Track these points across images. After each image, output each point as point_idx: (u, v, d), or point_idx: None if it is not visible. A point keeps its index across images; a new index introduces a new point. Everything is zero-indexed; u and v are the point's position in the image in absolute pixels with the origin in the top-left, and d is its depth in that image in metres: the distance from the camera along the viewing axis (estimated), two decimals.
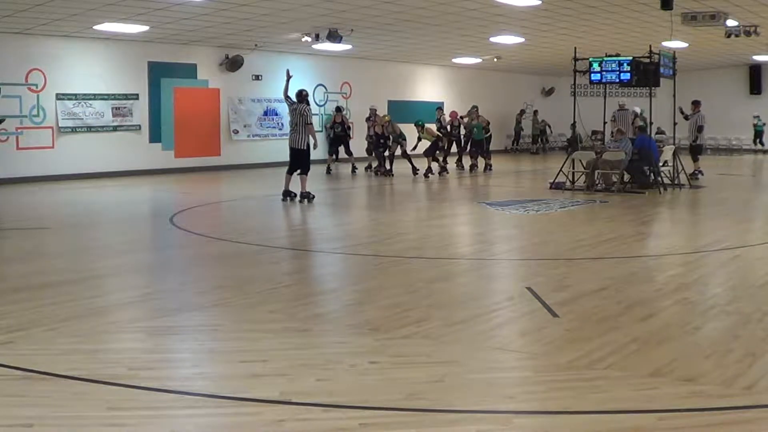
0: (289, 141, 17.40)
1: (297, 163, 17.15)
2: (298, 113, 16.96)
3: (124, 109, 24.59)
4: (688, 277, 9.32)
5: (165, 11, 19.50)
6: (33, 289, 8.53)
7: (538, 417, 4.98)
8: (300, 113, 16.96)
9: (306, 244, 12.73)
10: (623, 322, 7.02)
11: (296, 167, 17.15)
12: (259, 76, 28.36)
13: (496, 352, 6.27)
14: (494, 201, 16.95)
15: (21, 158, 22.22)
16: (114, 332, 6.93)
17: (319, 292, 8.83)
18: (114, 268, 10.11)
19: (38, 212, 16.33)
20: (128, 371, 5.74)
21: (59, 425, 4.75)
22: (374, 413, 4.92)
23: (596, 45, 24.55)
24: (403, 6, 19.72)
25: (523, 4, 19.67)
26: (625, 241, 12.00)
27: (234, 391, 5.37)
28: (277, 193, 17.09)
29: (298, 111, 16.98)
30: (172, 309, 7.69)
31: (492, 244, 12.41)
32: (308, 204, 16.61)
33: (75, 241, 12.70)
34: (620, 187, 18.75)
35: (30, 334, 6.67)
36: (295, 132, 17.07)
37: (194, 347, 6.57)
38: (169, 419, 4.94)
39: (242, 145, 27.54)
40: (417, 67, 34.48)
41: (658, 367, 5.70)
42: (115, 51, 24.06)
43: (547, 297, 7.93)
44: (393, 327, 6.88)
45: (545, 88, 40.75)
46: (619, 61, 19.22)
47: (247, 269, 9.90)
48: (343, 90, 31.57)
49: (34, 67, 22.42)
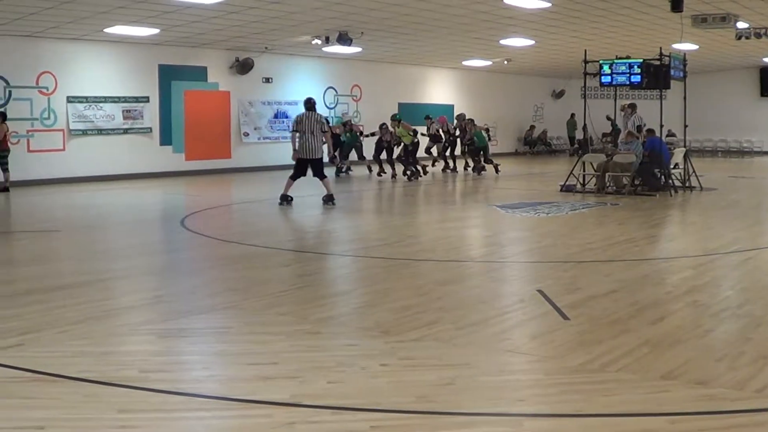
0: (300, 151, 16.78)
1: (314, 171, 16.90)
2: (315, 121, 16.71)
3: (135, 112, 24.67)
4: (700, 279, 9.29)
5: (175, 14, 19.54)
6: (44, 292, 8.54)
7: (549, 420, 4.97)
8: (317, 121, 16.72)
9: (317, 246, 12.73)
10: (634, 324, 7.00)
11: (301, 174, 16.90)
12: (269, 78, 28.41)
13: (507, 354, 6.26)
14: (505, 203, 16.92)
15: (32, 161, 22.29)
16: (125, 335, 6.94)
17: (329, 294, 8.83)
18: (125, 270, 10.12)
19: (49, 215, 16.39)
20: (139, 373, 5.74)
21: (70, 427, 4.75)
22: (385, 416, 4.91)
23: (606, 47, 24.55)
24: (412, 9, 19.74)
25: (533, 7, 19.68)
26: (636, 244, 11.98)
27: (244, 393, 5.36)
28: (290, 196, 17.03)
29: (314, 119, 16.73)
30: (182, 311, 7.69)
31: (503, 246, 12.40)
32: (331, 206, 16.48)
33: (86, 243, 12.72)
34: (631, 189, 18.72)
35: (41, 337, 6.68)
36: (310, 140, 16.65)
37: (205, 350, 6.58)
38: (179, 421, 4.94)
39: (252, 148, 27.61)
40: (427, 69, 34.49)
41: (669, 370, 5.68)
42: (125, 54, 24.13)
43: (558, 300, 7.92)
44: (404, 329, 6.87)
45: (555, 91, 40.77)
46: (629, 64, 19.19)
47: (258, 272, 9.90)
48: (353, 93, 31.58)
49: (45, 70, 22.51)
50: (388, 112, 27.53)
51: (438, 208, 18.04)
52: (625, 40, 24.52)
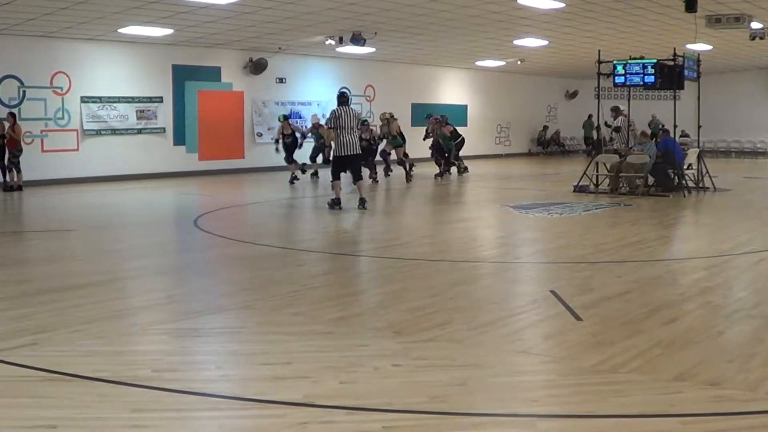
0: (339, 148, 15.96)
1: (352, 170, 16.29)
2: (354, 116, 16.03)
3: (149, 112, 24.74)
4: (713, 280, 9.26)
5: (189, 14, 19.58)
6: (57, 291, 8.57)
7: (562, 421, 4.96)
8: (355, 116, 16.15)
9: (330, 246, 12.72)
10: (647, 325, 6.99)
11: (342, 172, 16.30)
12: (282, 79, 28.45)
13: (520, 355, 6.25)
14: (518, 204, 16.90)
15: (46, 160, 22.37)
16: (138, 334, 6.96)
17: (342, 294, 8.82)
18: (138, 270, 10.15)
19: (62, 214, 16.44)
20: (152, 373, 5.76)
21: (83, 427, 4.77)
22: (397, 416, 4.92)
23: (620, 48, 24.49)
24: (426, 9, 19.73)
25: (547, 7, 19.65)
26: (650, 245, 11.96)
27: (257, 393, 5.38)
28: (303, 196, 17.05)
29: (352, 114, 15.99)
30: (195, 311, 7.70)
31: (516, 246, 12.39)
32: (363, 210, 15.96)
33: (99, 243, 12.76)
34: (644, 190, 18.68)
35: (54, 336, 6.70)
36: (350, 136, 15.84)
37: (218, 349, 6.59)
38: (192, 421, 4.95)
39: (266, 148, 27.61)
40: (441, 69, 34.48)
41: (681, 371, 5.67)
42: (139, 54, 24.20)
43: (570, 300, 7.91)
44: (416, 330, 6.88)
45: (569, 91, 40.71)
46: (643, 64, 19.14)
47: (271, 272, 9.91)
48: (367, 93, 31.60)
49: (59, 70, 22.59)
50: (402, 112, 27.53)
51: (450, 208, 18.00)
52: (638, 40, 24.47)
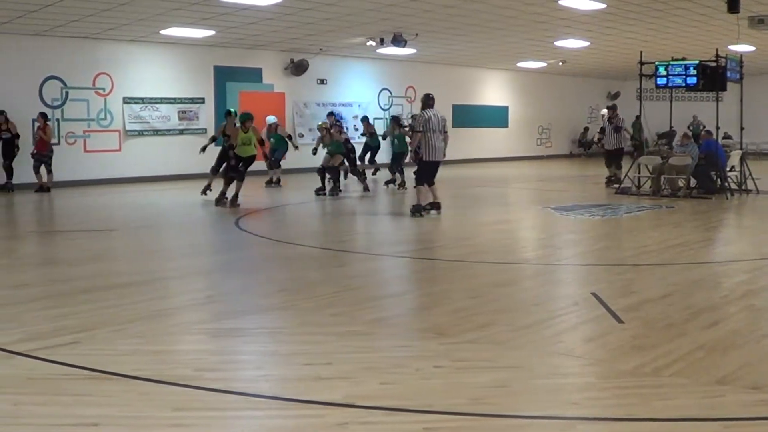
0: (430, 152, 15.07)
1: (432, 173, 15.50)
2: (441, 119, 15.32)
3: (191, 113, 24.90)
4: (755, 283, 9.17)
5: (231, 16, 19.68)
6: (98, 291, 8.64)
7: (602, 423, 4.93)
8: (443, 119, 15.39)
9: (369, 247, 12.72)
10: (689, 328, 6.94)
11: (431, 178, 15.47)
12: (323, 80, 28.52)
13: (561, 357, 6.22)
14: (559, 206, 16.83)
15: (88, 161, 22.58)
16: (179, 334, 7.01)
17: (382, 295, 8.82)
18: (179, 270, 10.21)
19: (104, 214, 16.57)
20: (193, 372, 5.79)
21: (125, 425, 4.80)
22: (438, 417, 4.91)
23: (662, 49, 24.35)
24: (467, 10, 19.70)
25: (588, 8, 19.55)
26: (692, 247, 11.87)
27: (298, 393, 5.39)
28: (343, 196, 16.99)
29: (440, 117, 15.31)
30: (236, 311, 7.74)
31: (557, 248, 12.33)
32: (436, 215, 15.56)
33: (140, 243, 12.85)
34: (686, 192, 18.54)
35: (95, 335, 6.75)
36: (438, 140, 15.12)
37: (258, 349, 6.62)
38: (233, 420, 4.98)
39: (308, 149, 27.66)
40: (482, 71, 34.41)
41: (724, 375, 5.62)
42: (181, 55, 24.36)
43: (612, 303, 7.86)
44: (458, 331, 6.86)
45: (611, 92, 40.45)
46: (685, 65, 19.02)
47: (311, 272, 9.94)
48: (408, 94, 31.60)
49: (102, 72, 22.79)
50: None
51: (492, 209, 17.93)
52: (680, 41, 24.29)
